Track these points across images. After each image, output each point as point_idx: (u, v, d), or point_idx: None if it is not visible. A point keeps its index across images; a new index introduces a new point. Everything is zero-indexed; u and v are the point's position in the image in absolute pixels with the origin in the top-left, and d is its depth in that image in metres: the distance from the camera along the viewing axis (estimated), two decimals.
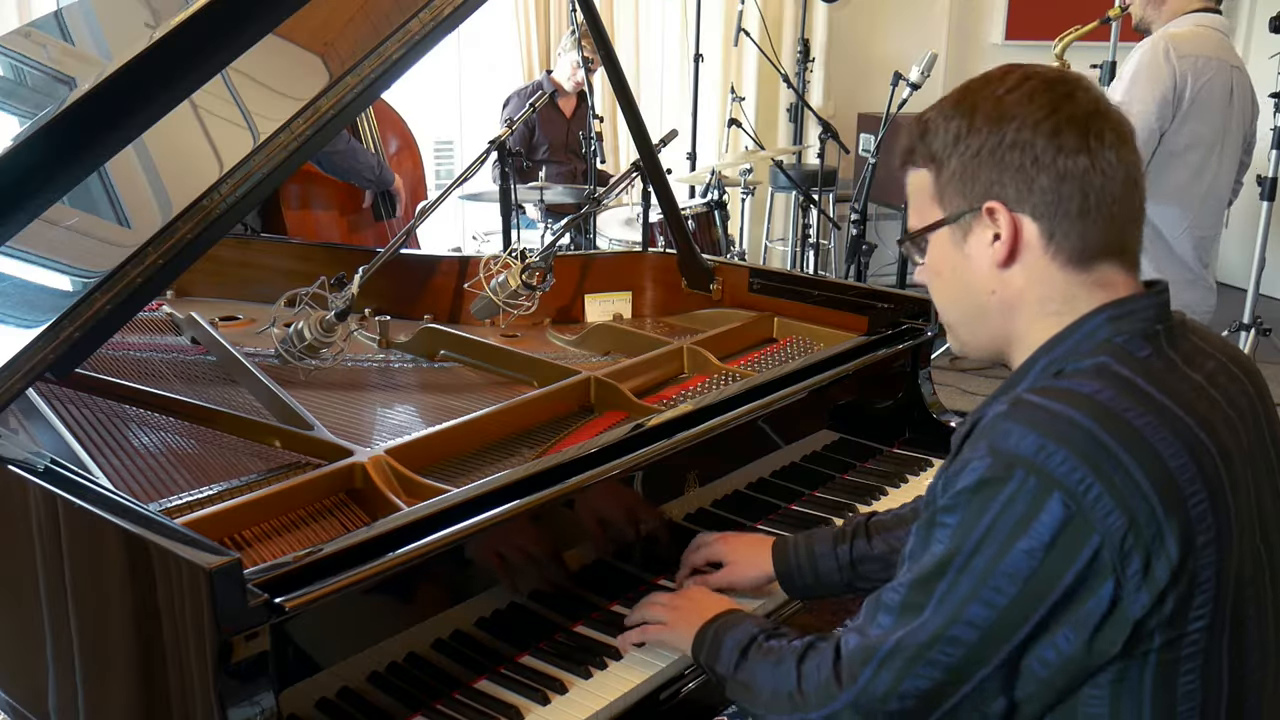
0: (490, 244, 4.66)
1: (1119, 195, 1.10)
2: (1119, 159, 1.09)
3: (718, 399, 1.78)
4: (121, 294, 1.42)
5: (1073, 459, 0.99)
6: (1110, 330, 1.10)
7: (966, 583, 1.04)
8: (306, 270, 2.19)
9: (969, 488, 1.04)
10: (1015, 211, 1.10)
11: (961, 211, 1.13)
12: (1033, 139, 1.08)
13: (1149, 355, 1.08)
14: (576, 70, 4.81)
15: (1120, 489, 0.99)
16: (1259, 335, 4.43)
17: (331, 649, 1.26)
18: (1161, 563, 1.00)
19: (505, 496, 1.44)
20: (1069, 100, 1.09)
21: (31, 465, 1.36)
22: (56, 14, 2.11)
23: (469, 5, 1.62)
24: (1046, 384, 1.08)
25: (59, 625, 1.32)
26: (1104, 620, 1.01)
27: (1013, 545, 1.01)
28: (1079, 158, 1.08)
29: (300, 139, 1.51)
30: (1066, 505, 0.99)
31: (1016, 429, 1.02)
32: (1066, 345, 1.11)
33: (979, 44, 6.68)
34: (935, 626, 1.06)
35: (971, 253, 1.14)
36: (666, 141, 2.47)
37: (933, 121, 1.15)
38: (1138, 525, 0.99)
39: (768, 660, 1.25)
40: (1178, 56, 2.91)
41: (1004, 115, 1.09)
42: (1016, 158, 1.08)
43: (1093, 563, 0.99)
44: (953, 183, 1.13)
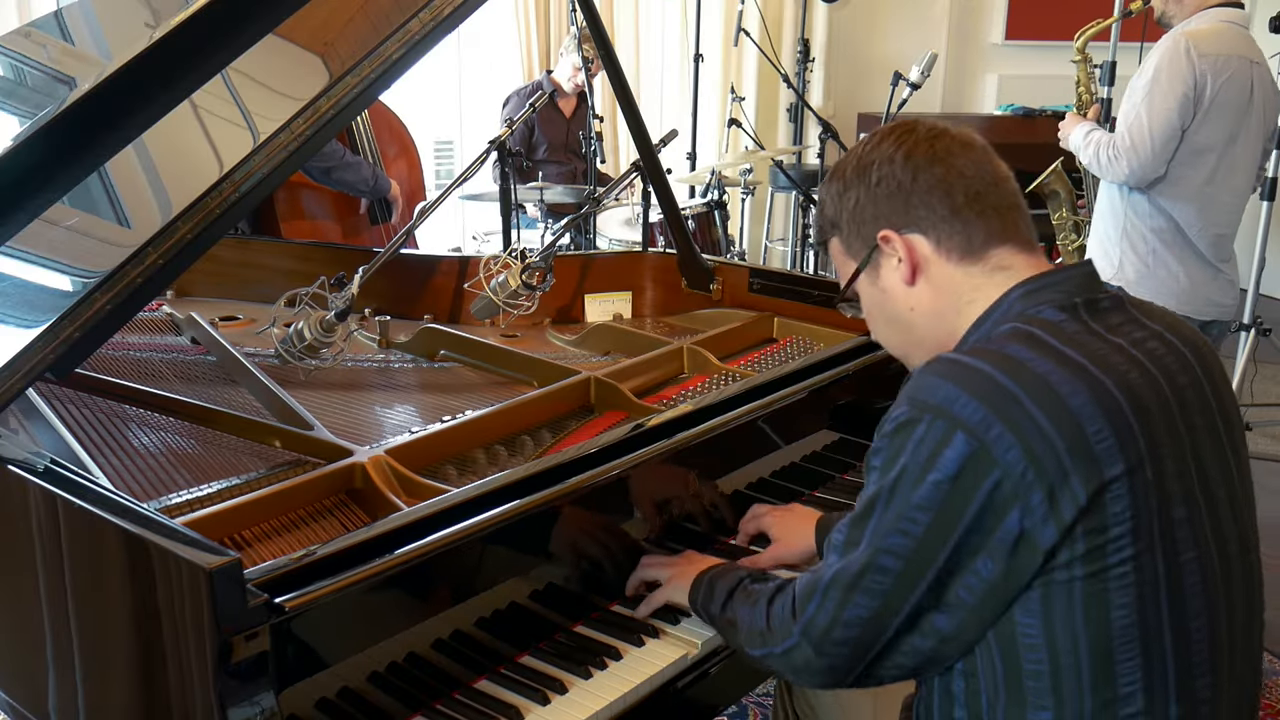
0: (490, 244, 4.66)
1: (983, 189, 1.24)
2: (971, 160, 1.25)
3: (718, 399, 1.78)
4: (121, 294, 1.42)
5: (975, 402, 1.10)
6: (1024, 303, 1.21)
7: (889, 516, 1.15)
8: (306, 270, 2.19)
9: (889, 432, 1.17)
10: (904, 233, 1.26)
11: (866, 253, 1.30)
12: (892, 170, 1.26)
13: (1062, 320, 1.19)
14: (577, 72, 4.81)
15: (1020, 425, 1.09)
16: (1259, 335, 4.43)
17: (331, 649, 1.26)
18: (1066, 496, 1.09)
19: (505, 496, 1.44)
20: (910, 133, 1.27)
21: (31, 465, 1.36)
22: (56, 14, 2.10)
23: (469, 5, 1.62)
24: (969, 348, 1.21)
25: (59, 625, 1.32)
26: (1014, 547, 1.10)
27: (924, 478, 1.12)
28: (934, 169, 1.24)
29: (300, 139, 1.51)
30: (969, 442, 1.10)
31: (931, 380, 1.15)
32: (989, 322, 1.23)
33: (979, 44, 6.69)
34: (865, 557, 1.17)
35: (886, 284, 1.30)
36: (666, 141, 2.47)
37: (821, 199, 1.36)
38: (1037, 460, 1.08)
39: (747, 601, 1.36)
40: (1198, 55, 2.90)
41: (865, 164, 1.28)
42: (885, 189, 1.26)
43: (994, 493, 1.09)
44: (851, 235, 1.31)
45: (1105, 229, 3.15)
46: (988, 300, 1.24)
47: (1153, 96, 2.93)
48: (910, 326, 1.31)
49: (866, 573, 1.16)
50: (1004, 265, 1.24)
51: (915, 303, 1.28)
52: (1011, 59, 6.67)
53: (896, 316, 1.31)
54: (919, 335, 1.30)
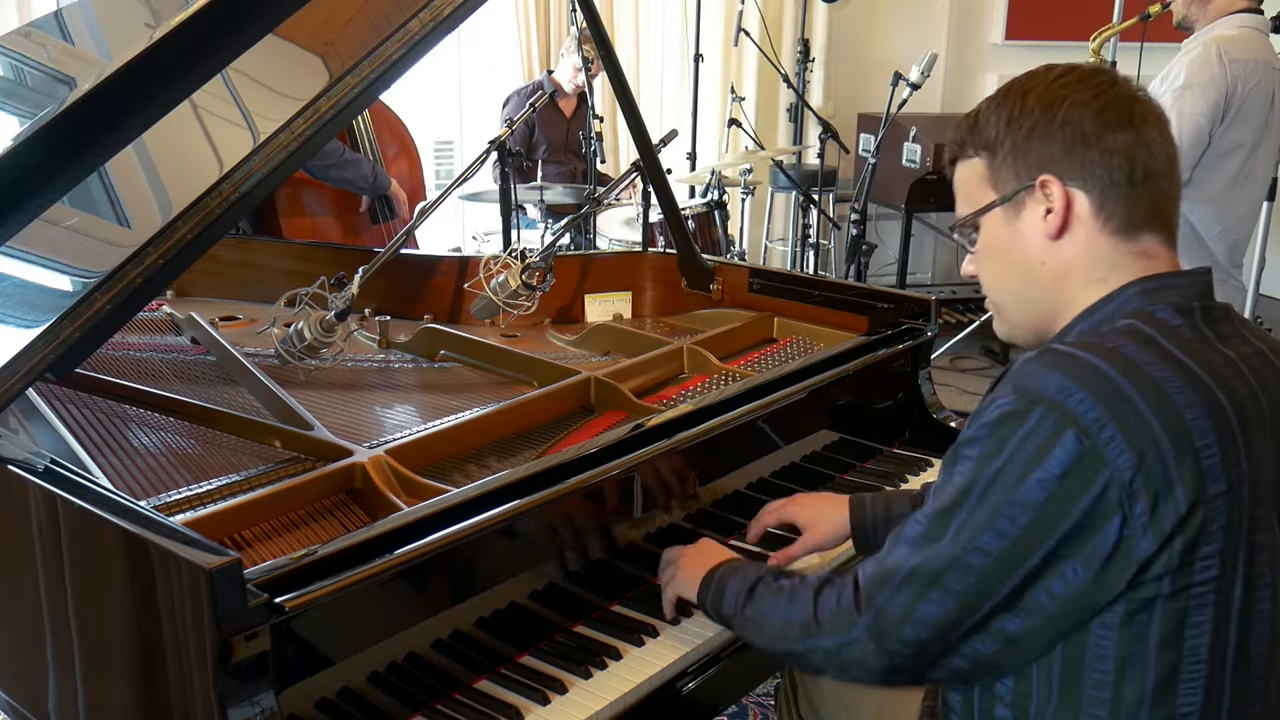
0: (490, 244, 4.66)
1: (1161, 170, 1.17)
2: (1160, 136, 1.17)
3: (718, 399, 1.78)
4: (121, 294, 1.42)
5: (1090, 399, 1.05)
6: (1142, 300, 1.16)
7: (983, 512, 1.08)
8: (306, 270, 2.19)
9: (991, 421, 1.10)
10: (1068, 184, 1.17)
11: (1017, 189, 1.19)
12: (1082, 117, 1.16)
13: (1180, 325, 1.13)
14: (578, 73, 4.81)
15: (1133, 431, 1.04)
16: None
17: (331, 649, 1.26)
18: (1169, 507, 1.04)
19: (505, 496, 1.44)
20: (1113, 85, 1.18)
21: (31, 465, 1.36)
22: (56, 14, 2.10)
23: (469, 5, 1.62)
24: (1077, 339, 1.15)
25: (59, 625, 1.32)
26: (1110, 556, 1.05)
27: (1028, 476, 1.06)
28: (1125, 133, 1.15)
29: (300, 139, 1.51)
30: (1080, 440, 1.04)
31: (1041, 370, 1.09)
32: (1102, 313, 1.17)
33: (979, 44, 6.67)
34: (950, 553, 1.10)
35: (1024, 229, 1.20)
36: (666, 141, 2.47)
37: (984, 112, 1.23)
38: (1147, 466, 1.04)
39: (780, 595, 1.30)
40: (1230, 60, 2.91)
41: (1054, 98, 1.17)
42: (1068, 134, 1.16)
43: (1101, 498, 1.04)
44: (1007, 163, 1.20)
45: None
46: (1119, 281, 1.17)
47: (1184, 101, 2.93)
48: (1030, 281, 1.22)
49: (951, 570, 1.10)
50: (1150, 253, 1.18)
51: (1049, 258, 1.20)
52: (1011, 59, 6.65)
53: (1020, 265, 1.22)
54: (1032, 293, 1.22)
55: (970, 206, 1.25)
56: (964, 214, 1.26)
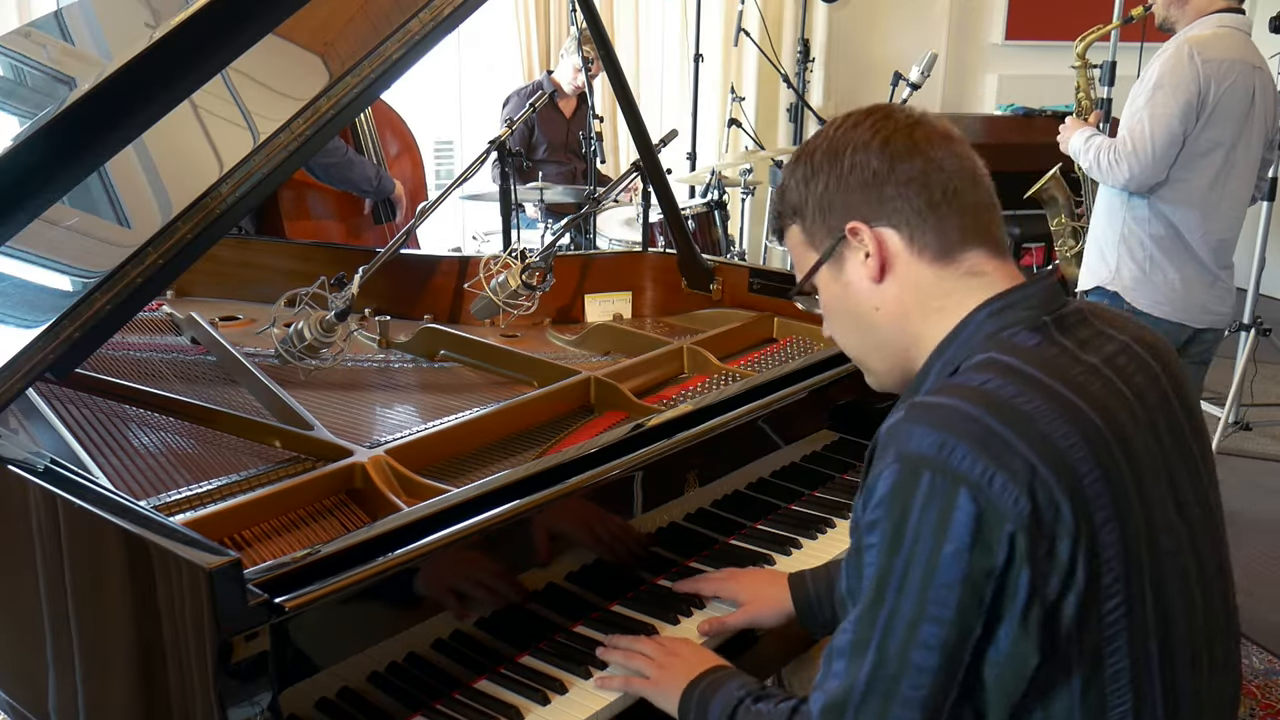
0: (490, 244, 4.66)
1: (962, 186, 1.16)
2: (951, 153, 1.16)
3: (718, 399, 1.78)
4: (121, 294, 1.42)
5: (971, 451, 1.02)
6: (994, 324, 1.14)
7: (908, 603, 1.04)
8: (306, 270, 2.19)
9: (885, 497, 1.05)
10: (874, 226, 1.17)
11: (831, 244, 1.20)
12: (866, 158, 1.16)
13: (1037, 343, 1.12)
14: (578, 73, 4.81)
15: (1019, 473, 1.01)
16: (1259, 335, 4.43)
17: (331, 649, 1.26)
18: (1064, 542, 1.02)
19: (505, 496, 1.44)
20: (888, 119, 1.17)
21: (31, 465, 1.36)
22: (56, 14, 2.10)
23: (469, 5, 1.62)
24: (939, 384, 1.12)
25: (59, 625, 1.32)
26: (1025, 611, 1.02)
27: (940, 551, 1.02)
28: (912, 161, 1.15)
29: (300, 139, 1.51)
30: (975, 499, 1.01)
31: (914, 429, 1.05)
32: (955, 345, 1.15)
33: (979, 44, 6.68)
34: (893, 656, 1.05)
35: (851, 279, 1.20)
36: (666, 141, 2.47)
37: (784, 182, 1.24)
38: (1039, 507, 1.01)
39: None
40: (1202, 61, 2.90)
41: (837, 147, 1.18)
42: (859, 178, 1.16)
43: (1012, 549, 1.01)
44: (816, 223, 1.21)
45: (1103, 233, 3.15)
46: (957, 308, 1.16)
47: (1156, 102, 2.93)
48: (872, 327, 1.21)
49: (902, 676, 1.04)
50: (977, 270, 1.16)
51: (880, 302, 1.19)
52: (1011, 59, 6.66)
53: (858, 315, 1.22)
54: (880, 337, 1.22)
55: (801, 271, 1.25)
56: (799, 280, 1.26)
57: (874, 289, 1.19)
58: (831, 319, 1.27)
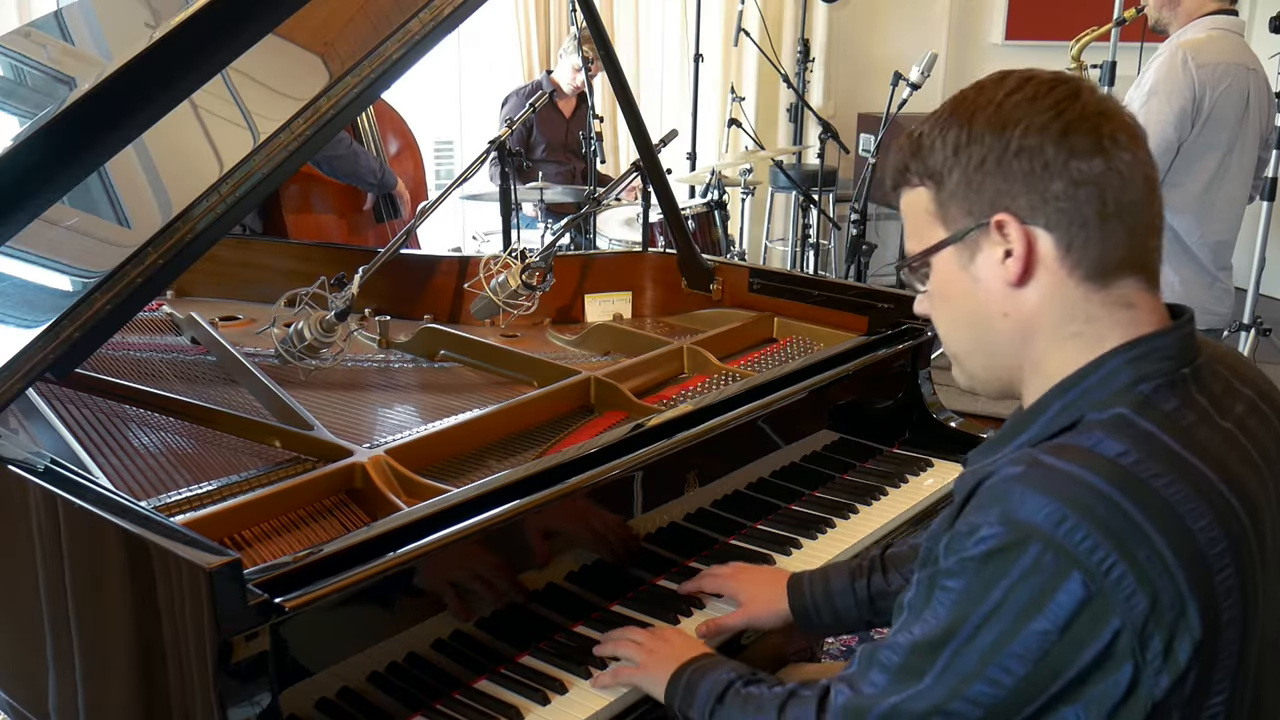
0: (490, 244, 4.66)
1: (1138, 200, 1.01)
2: (1135, 160, 1.00)
3: (718, 399, 1.78)
4: (121, 294, 1.42)
5: (1095, 534, 0.91)
6: (1131, 373, 1.00)
7: (971, 658, 0.97)
8: (306, 270, 2.19)
9: (978, 556, 0.96)
10: (1028, 224, 1.00)
11: (967, 229, 1.03)
12: (1041, 143, 0.98)
13: (1176, 407, 0.99)
14: (576, 74, 4.81)
15: (1144, 567, 0.91)
16: (1259, 335, 4.42)
17: (332, 649, 1.26)
18: (1184, 643, 0.93)
19: (505, 496, 1.44)
20: (1074, 100, 1.00)
21: (31, 465, 1.36)
22: (56, 14, 2.11)
23: (469, 5, 1.62)
24: (1064, 442, 0.99)
25: (59, 625, 1.32)
26: (1120, 704, 0.94)
27: (1025, 625, 0.93)
28: (1093, 160, 0.98)
29: (300, 139, 1.51)
30: (1086, 585, 0.91)
31: (1032, 496, 0.94)
32: (1082, 387, 1.02)
33: (979, 44, 6.68)
34: (935, 698, 0.99)
35: (980, 274, 1.04)
36: (666, 141, 2.47)
37: (928, 135, 1.05)
38: (1160, 606, 0.92)
39: (746, 707, 1.21)
40: (1196, 66, 2.90)
41: (1007, 120, 1.00)
42: (1025, 164, 0.99)
43: (1112, 646, 0.92)
44: (956, 198, 1.03)
45: None
46: (1096, 336, 1.02)
47: (1150, 109, 2.93)
48: (990, 333, 1.06)
49: (934, 715, 1.00)
50: (1129, 301, 1.02)
51: (1012, 309, 1.03)
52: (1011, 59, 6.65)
53: (978, 315, 1.06)
54: (994, 345, 1.07)
55: (918, 242, 1.08)
56: (911, 249, 1.09)
57: (1007, 293, 1.03)
58: (940, 306, 1.11)
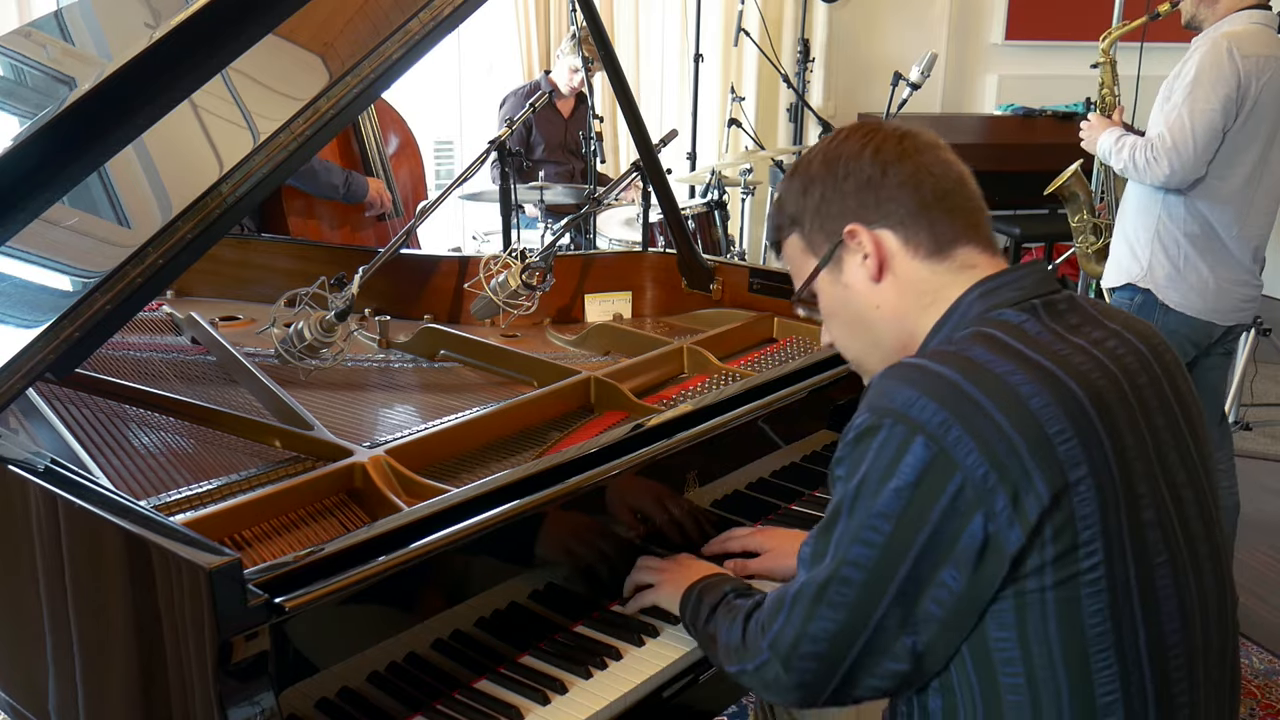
0: (490, 244, 4.65)
1: (951, 188, 1.24)
2: (937, 159, 1.24)
3: (718, 399, 1.78)
4: (121, 294, 1.42)
5: (934, 405, 1.09)
6: (983, 304, 1.20)
7: (851, 525, 1.13)
8: (306, 270, 2.19)
9: (851, 440, 1.15)
10: (872, 228, 1.24)
11: (831, 248, 1.27)
12: (859, 165, 1.24)
13: (1023, 321, 1.18)
14: (574, 74, 4.81)
15: (980, 430, 1.08)
16: (1259, 335, 4.42)
17: (332, 649, 1.26)
18: (1030, 499, 1.07)
19: (505, 496, 1.44)
20: (878, 130, 1.26)
21: (31, 465, 1.36)
22: (56, 14, 2.11)
23: (469, 5, 1.62)
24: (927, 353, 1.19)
25: (59, 625, 1.32)
26: (981, 554, 1.08)
27: (884, 486, 1.10)
28: (904, 165, 1.23)
29: (300, 139, 1.51)
30: (928, 446, 1.08)
31: (890, 384, 1.14)
32: (948, 326, 1.22)
33: (979, 44, 6.68)
34: (829, 569, 1.15)
35: (850, 280, 1.27)
36: (666, 141, 2.48)
37: (781, 195, 1.32)
38: (999, 462, 1.07)
39: (728, 616, 1.34)
40: (1241, 56, 2.88)
41: (832, 157, 1.26)
42: (854, 184, 1.24)
43: (956, 498, 1.08)
44: (815, 229, 1.28)
45: (1135, 231, 3.11)
46: (950, 299, 1.22)
47: (1195, 97, 2.91)
48: (871, 326, 1.28)
49: (830, 584, 1.15)
50: (969, 264, 1.23)
51: (880, 300, 1.26)
52: (1011, 59, 6.66)
53: (858, 315, 1.29)
54: (879, 335, 1.28)
55: (800, 278, 1.31)
56: (798, 288, 1.32)
57: (873, 288, 1.26)
58: (831, 322, 1.34)
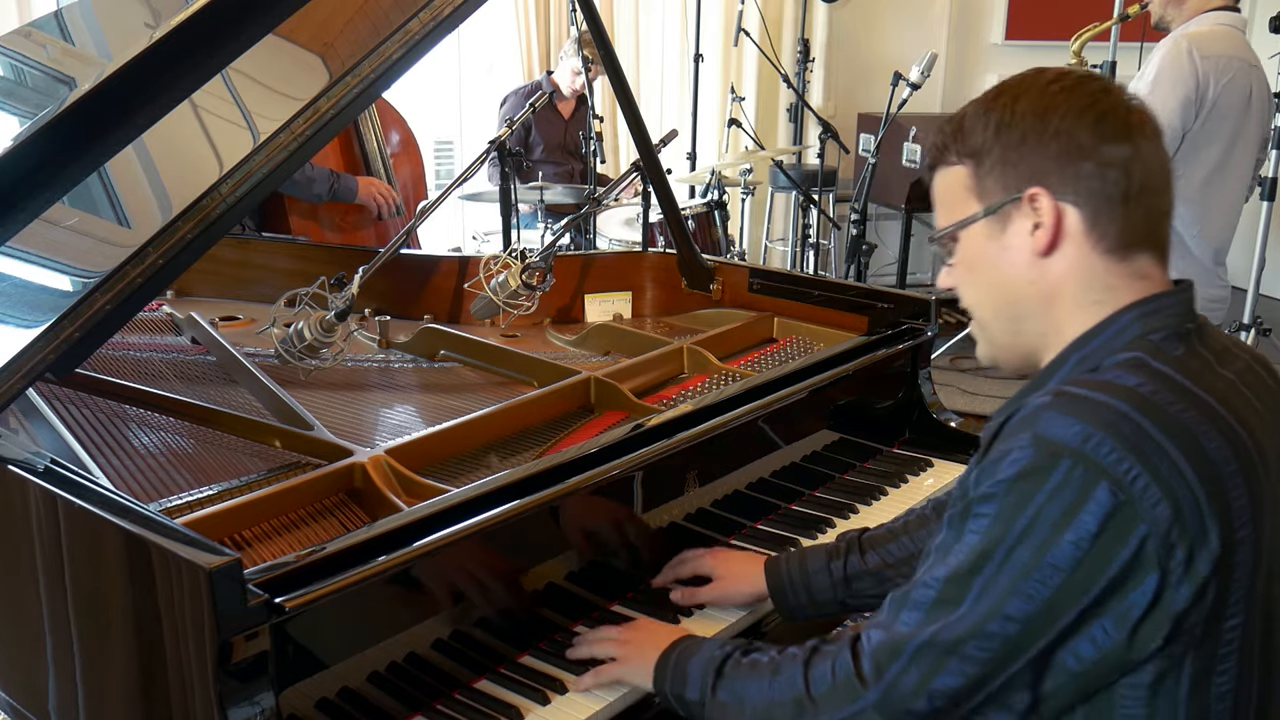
0: (490, 244, 4.65)
1: (1158, 186, 1.11)
2: (1156, 150, 1.11)
3: (718, 399, 1.78)
4: (121, 294, 1.42)
5: (1119, 448, 0.99)
6: (1141, 326, 1.10)
7: (1007, 576, 1.02)
8: (306, 270, 2.19)
9: (1010, 478, 1.02)
10: (1059, 199, 1.10)
11: (1003, 201, 1.12)
12: (1076, 126, 1.08)
13: (1183, 353, 1.08)
14: (576, 76, 4.80)
15: (1166, 478, 0.99)
16: (1259, 335, 4.42)
17: (331, 649, 1.26)
18: (1204, 554, 0.99)
19: (505, 496, 1.44)
20: (1107, 94, 1.11)
21: (31, 465, 1.36)
22: (56, 14, 2.11)
23: (469, 5, 1.62)
24: (1085, 377, 1.07)
25: (59, 625, 1.32)
26: (1146, 613, 1.00)
27: (1059, 536, 0.99)
28: (1122, 145, 1.08)
29: (300, 139, 1.51)
30: (1114, 494, 0.98)
31: (1058, 417, 1.01)
32: (1098, 341, 1.11)
33: (979, 44, 6.68)
34: (972, 621, 1.04)
35: (1010, 243, 1.13)
36: (666, 141, 2.47)
37: (970, 117, 1.14)
38: (1183, 515, 0.99)
39: (758, 673, 1.22)
40: (1200, 57, 2.89)
41: (1048, 105, 1.10)
42: (1061, 144, 1.09)
43: (1139, 553, 0.98)
44: (994, 173, 1.12)
45: None
46: (1115, 304, 1.11)
47: (1154, 98, 2.92)
48: (1016, 300, 1.14)
49: (971, 638, 1.04)
50: (1144, 273, 1.12)
51: (1037, 277, 1.12)
52: (1011, 59, 6.65)
53: (1005, 283, 1.14)
54: (1019, 312, 1.15)
55: (951, 217, 1.16)
56: (944, 224, 1.18)
57: (1035, 262, 1.12)
58: (966, 276, 1.19)
